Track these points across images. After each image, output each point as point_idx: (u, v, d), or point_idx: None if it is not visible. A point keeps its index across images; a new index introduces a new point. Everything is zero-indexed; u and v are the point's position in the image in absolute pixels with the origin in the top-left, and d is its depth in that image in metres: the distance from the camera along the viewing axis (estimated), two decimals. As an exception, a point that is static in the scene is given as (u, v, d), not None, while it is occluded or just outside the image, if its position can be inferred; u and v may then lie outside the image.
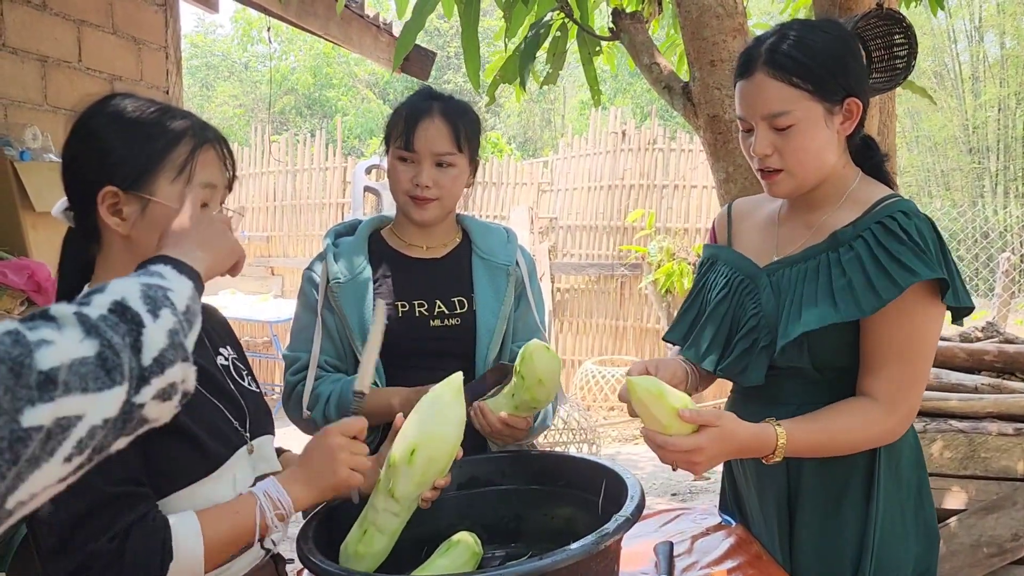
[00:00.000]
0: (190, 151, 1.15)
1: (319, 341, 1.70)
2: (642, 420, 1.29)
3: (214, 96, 21.52)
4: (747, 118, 1.41)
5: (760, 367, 1.44)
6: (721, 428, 1.25)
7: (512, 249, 1.80)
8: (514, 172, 7.97)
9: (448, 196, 1.71)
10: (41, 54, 3.26)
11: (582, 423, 5.50)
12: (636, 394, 1.26)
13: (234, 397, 1.25)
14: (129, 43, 3.77)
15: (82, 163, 1.14)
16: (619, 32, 2.55)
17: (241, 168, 8.49)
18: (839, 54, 1.39)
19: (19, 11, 3.13)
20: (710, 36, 2.28)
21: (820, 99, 1.37)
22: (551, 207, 7.77)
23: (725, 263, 1.57)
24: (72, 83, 3.41)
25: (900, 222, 1.35)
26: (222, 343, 1.33)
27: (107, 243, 1.17)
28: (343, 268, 1.72)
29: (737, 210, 1.66)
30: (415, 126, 1.66)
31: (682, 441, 1.25)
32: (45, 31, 3.27)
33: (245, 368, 1.35)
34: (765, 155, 1.40)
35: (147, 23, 3.86)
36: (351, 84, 21.51)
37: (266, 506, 1.13)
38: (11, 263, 2.17)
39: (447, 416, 1.28)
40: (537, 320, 1.81)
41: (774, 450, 1.31)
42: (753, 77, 1.38)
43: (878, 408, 1.36)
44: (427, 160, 1.67)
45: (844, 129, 1.41)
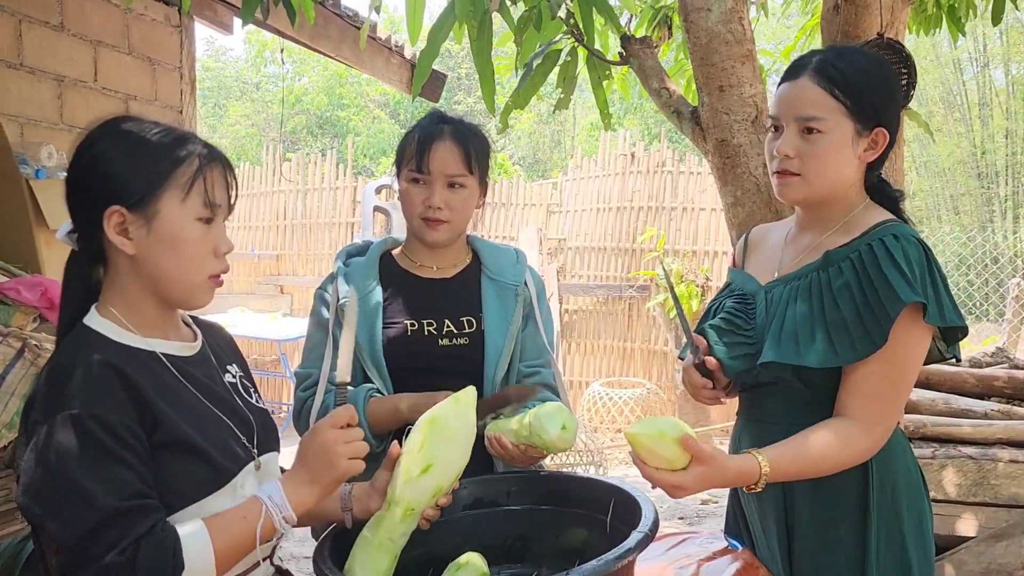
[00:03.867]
0: (195, 170, 1.16)
1: (329, 359, 1.71)
2: (647, 463, 1.30)
3: (226, 116, 21.70)
4: (780, 117, 1.46)
5: (741, 362, 1.49)
6: (708, 468, 1.29)
7: (521, 269, 1.82)
8: (523, 193, 8.00)
9: (459, 218, 1.74)
10: (58, 74, 3.31)
11: (589, 445, 5.48)
12: (641, 443, 1.29)
13: (242, 414, 1.26)
14: (144, 63, 3.82)
15: (88, 184, 1.15)
16: (628, 57, 2.58)
17: (252, 187, 8.56)
18: (882, 85, 1.45)
19: (37, 31, 3.19)
20: (719, 62, 2.30)
21: (854, 118, 1.42)
22: (560, 228, 7.80)
23: (736, 284, 1.61)
24: (88, 103, 3.46)
25: (888, 244, 1.38)
26: (229, 361, 1.35)
27: (114, 264, 1.19)
28: (353, 287, 1.74)
29: (753, 235, 1.72)
30: (427, 148, 1.69)
31: (668, 477, 1.29)
32: (62, 51, 3.32)
33: (252, 386, 1.36)
34: (787, 156, 1.44)
35: (162, 44, 3.92)
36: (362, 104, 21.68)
37: (272, 509, 1.13)
38: (25, 280, 2.19)
39: (459, 433, 1.29)
40: (545, 340, 1.82)
41: (757, 481, 1.34)
42: (798, 80, 1.45)
43: (855, 428, 1.38)
44: (439, 181, 1.69)
45: (866, 156, 1.46)
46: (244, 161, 11.87)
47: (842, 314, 1.39)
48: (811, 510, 1.47)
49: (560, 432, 1.38)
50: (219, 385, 1.26)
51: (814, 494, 1.46)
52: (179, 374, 1.19)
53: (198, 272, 1.18)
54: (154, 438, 1.11)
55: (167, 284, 1.18)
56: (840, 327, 1.38)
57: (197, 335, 1.30)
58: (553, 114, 18.68)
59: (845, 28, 2.47)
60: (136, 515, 1.05)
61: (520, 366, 1.77)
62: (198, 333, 1.31)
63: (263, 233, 8.56)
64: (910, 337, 1.37)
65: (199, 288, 1.20)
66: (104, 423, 1.06)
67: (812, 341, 1.40)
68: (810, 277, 1.46)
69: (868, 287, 1.37)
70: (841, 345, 1.38)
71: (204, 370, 1.25)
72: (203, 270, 1.19)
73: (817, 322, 1.41)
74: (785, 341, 1.42)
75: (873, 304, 1.36)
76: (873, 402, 1.38)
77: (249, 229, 8.57)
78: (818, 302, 1.42)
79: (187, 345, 1.25)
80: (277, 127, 21.10)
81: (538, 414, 1.42)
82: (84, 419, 1.05)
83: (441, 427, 1.29)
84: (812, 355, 1.39)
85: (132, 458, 1.07)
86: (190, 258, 1.17)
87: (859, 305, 1.37)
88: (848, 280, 1.40)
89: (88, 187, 1.15)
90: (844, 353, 1.37)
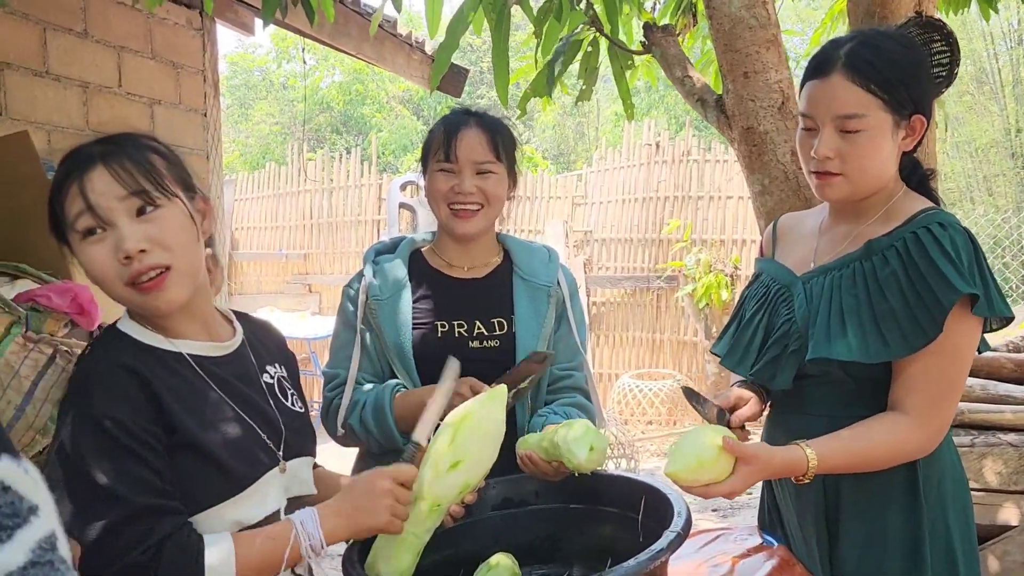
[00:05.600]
0: (57, 197, 1.13)
1: (358, 358, 1.70)
2: (694, 487, 1.29)
3: (252, 115, 21.86)
4: (815, 117, 1.41)
5: (788, 372, 1.44)
6: (754, 466, 1.27)
7: (554, 269, 1.78)
8: (548, 186, 7.97)
9: (492, 204, 1.71)
10: (83, 80, 3.33)
11: (620, 438, 5.45)
12: (684, 478, 1.27)
13: (271, 416, 1.25)
14: (168, 67, 3.84)
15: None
16: (651, 46, 2.54)
17: (278, 187, 8.61)
18: (914, 69, 1.40)
19: (62, 39, 3.21)
20: (743, 48, 2.25)
21: (892, 110, 1.37)
22: (586, 220, 7.75)
23: (767, 274, 1.57)
24: (113, 108, 3.48)
25: (935, 233, 1.34)
26: (272, 361, 1.34)
27: None
28: (383, 286, 1.72)
29: (782, 224, 1.67)
30: (454, 137, 1.68)
31: (719, 489, 1.28)
32: (87, 58, 3.35)
33: (292, 388, 1.35)
34: (827, 157, 1.39)
35: (185, 47, 3.94)
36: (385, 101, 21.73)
37: (302, 537, 1.12)
38: (55, 286, 2.20)
39: (490, 431, 1.29)
40: (578, 341, 1.79)
41: (805, 472, 1.31)
42: (829, 78, 1.38)
43: (909, 423, 1.34)
44: (468, 168, 1.67)
45: (905, 144, 1.42)
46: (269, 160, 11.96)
47: (891, 305, 1.35)
48: (856, 503, 1.43)
49: (588, 454, 1.36)
50: (252, 386, 1.25)
51: (859, 487, 1.43)
52: (205, 375, 1.18)
53: (113, 286, 1.14)
54: (171, 440, 1.11)
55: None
56: (890, 318, 1.34)
57: (236, 333, 1.29)
58: (576, 105, 18.58)
59: (872, 8, 2.41)
60: (159, 514, 1.05)
61: (552, 368, 1.74)
62: (238, 331, 1.30)
63: (290, 233, 8.61)
64: (963, 328, 1.33)
65: (128, 300, 1.15)
66: (120, 423, 1.06)
67: (861, 334, 1.36)
68: (852, 267, 1.41)
69: (917, 277, 1.33)
70: (892, 337, 1.34)
71: (236, 370, 1.24)
72: (119, 286, 1.13)
73: (865, 314, 1.37)
74: (833, 335, 1.38)
75: (924, 295, 1.32)
76: (927, 396, 1.34)
77: (276, 229, 8.63)
78: (864, 293, 1.38)
79: (219, 345, 1.24)
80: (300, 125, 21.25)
81: (566, 437, 1.39)
82: (101, 419, 1.06)
83: (472, 424, 1.28)
84: (861, 349, 1.35)
85: (152, 457, 1.08)
86: (100, 278, 1.14)
87: (908, 296, 1.33)
88: (895, 270, 1.36)
89: None
90: (896, 346, 1.34)
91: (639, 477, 1.46)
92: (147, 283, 1.12)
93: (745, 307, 1.59)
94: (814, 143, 1.40)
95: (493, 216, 1.73)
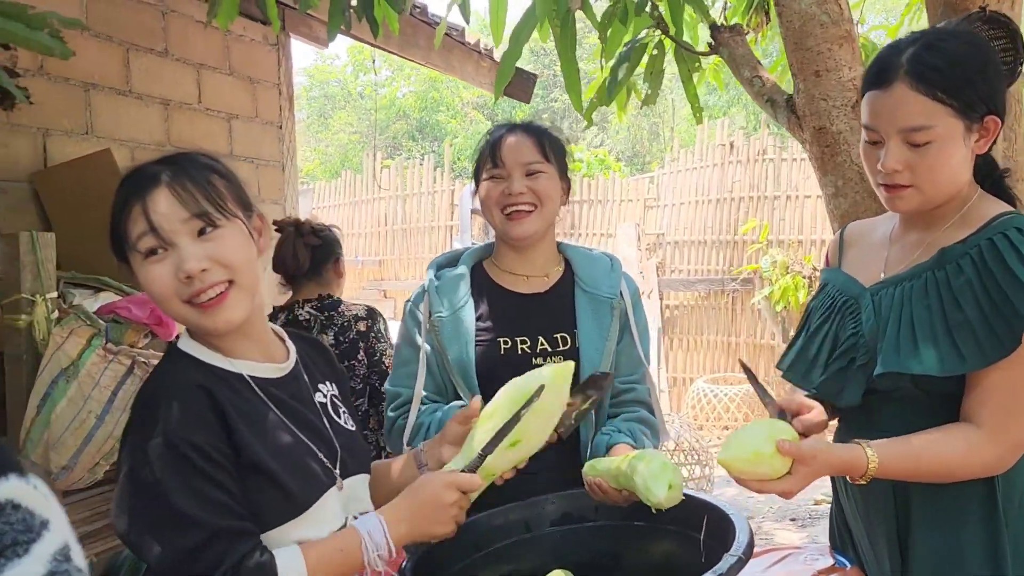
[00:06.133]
0: (120, 217, 1.15)
1: (422, 378, 1.69)
2: (748, 480, 1.26)
3: (331, 124, 22.38)
4: (879, 130, 1.33)
5: (856, 387, 1.38)
6: (811, 467, 1.23)
7: (616, 279, 1.75)
8: (619, 189, 7.91)
9: (545, 204, 1.68)
10: (164, 98, 3.46)
11: (694, 444, 5.35)
12: (736, 467, 1.24)
13: (327, 436, 1.25)
14: (244, 82, 3.96)
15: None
16: (718, 46, 2.48)
17: (354, 195, 8.78)
18: (983, 68, 1.31)
19: (143, 59, 3.34)
20: (814, 46, 2.18)
21: (962, 116, 1.29)
22: (658, 223, 7.66)
23: (832, 285, 1.51)
24: (192, 124, 3.60)
25: (1012, 239, 1.26)
26: (323, 379, 1.34)
27: None
28: (445, 302, 1.71)
29: (849, 233, 1.60)
30: (500, 143, 1.69)
31: (775, 486, 1.24)
32: (168, 76, 3.47)
33: (343, 405, 1.36)
34: (895, 171, 1.32)
35: (261, 62, 4.05)
36: (460, 107, 21.96)
37: (370, 547, 1.13)
38: (135, 298, 2.29)
39: (552, 411, 1.29)
40: (641, 353, 1.75)
41: (864, 473, 1.26)
42: (892, 88, 1.30)
43: (981, 436, 1.27)
44: (516, 170, 1.67)
45: (979, 147, 1.34)
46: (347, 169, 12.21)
47: (965, 315, 1.27)
48: (929, 519, 1.36)
49: (668, 493, 1.32)
50: (307, 406, 1.26)
51: (932, 501, 1.36)
52: (265, 396, 1.19)
53: (174, 308, 1.15)
54: (238, 461, 1.12)
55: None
56: (964, 329, 1.27)
57: (290, 354, 1.30)
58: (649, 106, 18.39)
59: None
60: (236, 536, 1.07)
61: (615, 382, 1.71)
62: (291, 351, 1.31)
63: (366, 240, 8.77)
64: None
65: (185, 318, 1.17)
66: (196, 446, 1.08)
67: (934, 346, 1.29)
68: (924, 277, 1.34)
69: (993, 286, 1.25)
70: (967, 349, 1.26)
71: (293, 391, 1.25)
72: (176, 303, 1.14)
73: (938, 325, 1.30)
74: (904, 348, 1.32)
75: (1000, 304, 1.24)
76: (1002, 410, 1.26)
77: (353, 236, 8.80)
78: (937, 303, 1.31)
79: (276, 366, 1.25)
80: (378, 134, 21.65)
81: (643, 473, 1.34)
82: (177, 442, 1.07)
83: (538, 404, 1.26)
84: (934, 362, 1.28)
85: (226, 479, 1.09)
86: (158, 296, 1.15)
87: (984, 305, 1.26)
88: (969, 278, 1.28)
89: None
90: (971, 358, 1.26)
91: (701, 495, 1.42)
92: (208, 301, 1.13)
93: (811, 319, 1.52)
94: (880, 155, 1.33)
95: (548, 217, 1.70)
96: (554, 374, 1.28)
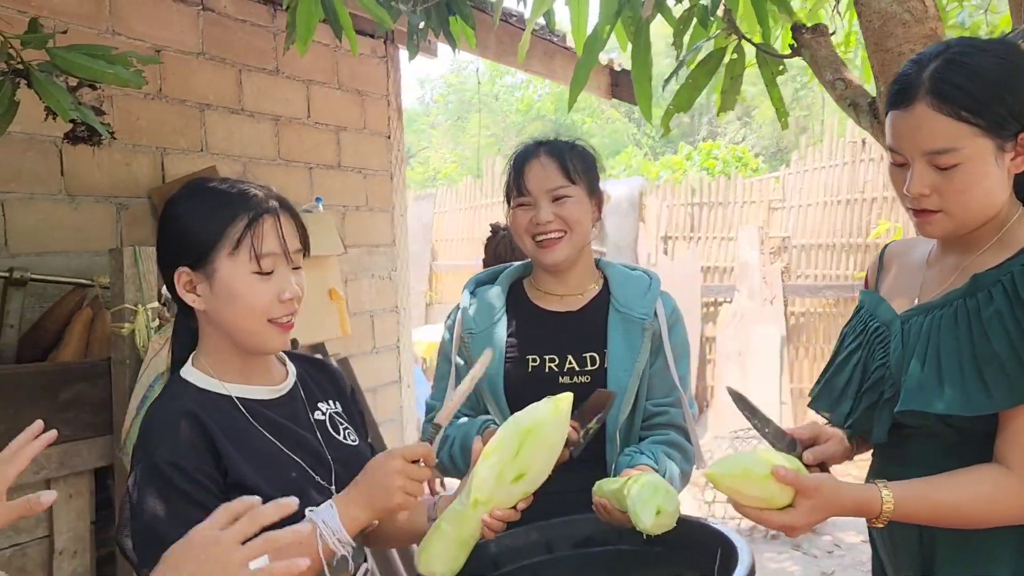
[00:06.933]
0: (244, 227, 1.22)
1: (452, 391, 1.73)
2: (741, 502, 1.20)
3: (467, 128, 22.89)
4: (902, 152, 1.24)
5: (883, 424, 1.30)
6: (815, 500, 1.16)
7: (651, 300, 1.71)
8: (741, 190, 7.63)
9: (575, 230, 1.67)
10: (274, 114, 3.67)
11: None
12: (724, 484, 1.19)
13: (320, 453, 1.31)
14: (353, 95, 4.13)
15: (162, 248, 1.28)
16: (800, 48, 2.36)
17: (474, 199, 8.95)
18: (1012, 81, 1.19)
19: (255, 78, 3.56)
20: (895, 47, 2.03)
21: (991, 135, 1.18)
22: (783, 225, 7.34)
23: (867, 309, 1.41)
24: (301, 138, 3.80)
25: None
26: (325, 398, 1.41)
27: (197, 317, 1.29)
28: (477, 318, 1.74)
29: (889, 253, 1.50)
30: (523, 170, 1.68)
31: (776, 517, 1.18)
32: (278, 93, 3.68)
33: (346, 422, 1.41)
34: (921, 195, 1.23)
35: (370, 75, 4.21)
36: (597, 106, 21.89)
37: (327, 534, 1.17)
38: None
39: (555, 444, 1.31)
40: (675, 377, 1.70)
41: (878, 515, 1.18)
42: (912, 108, 1.21)
43: (1011, 479, 1.17)
44: (543, 198, 1.66)
45: (1016, 166, 1.22)
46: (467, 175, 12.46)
47: (994, 348, 1.17)
48: (955, 561, 1.26)
49: (655, 519, 1.29)
50: (302, 425, 1.33)
51: (960, 544, 1.25)
52: (252, 417, 1.26)
53: (258, 321, 1.24)
54: (225, 482, 1.19)
55: (233, 334, 1.26)
56: (993, 364, 1.17)
57: (288, 376, 1.37)
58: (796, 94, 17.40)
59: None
60: None
61: (647, 404, 1.68)
62: (291, 373, 1.38)
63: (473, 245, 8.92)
64: None
65: (261, 335, 1.26)
66: (181, 469, 1.16)
67: (960, 382, 1.19)
68: (955, 305, 1.24)
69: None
70: (996, 386, 1.17)
71: (286, 411, 1.32)
72: (263, 318, 1.24)
73: (965, 359, 1.20)
74: (927, 384, 1.22)
75: None
76: None
77: (473, 240, 8.97)
78: (966, 335, 1.21)
79: (271, 388, 1.33)
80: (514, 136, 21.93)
81: (633, 497, 1.33)
82: (163, 466, 1.16)
83: (540, 437, 1.29)
84: (959, 400, 1.19)
85: (208, 499, 1.16)
86: (248, 310, 1.23)
87: (1014, 338, 1.16)
88: (1000, 308, 1.18)
89: (163, 250, 1.28)
90: (1000, 396, 1.16)
91: (715, 524, 1.37)
92: (286, 323, 1.27)
93: (842, 345, 1.43)
94: (907, 177, 1.23)
95: (579, 241, 1.69)
96: (552, 408, 1.29)
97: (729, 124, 20.27)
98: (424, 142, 24.63)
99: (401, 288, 4.52)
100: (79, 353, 2.39)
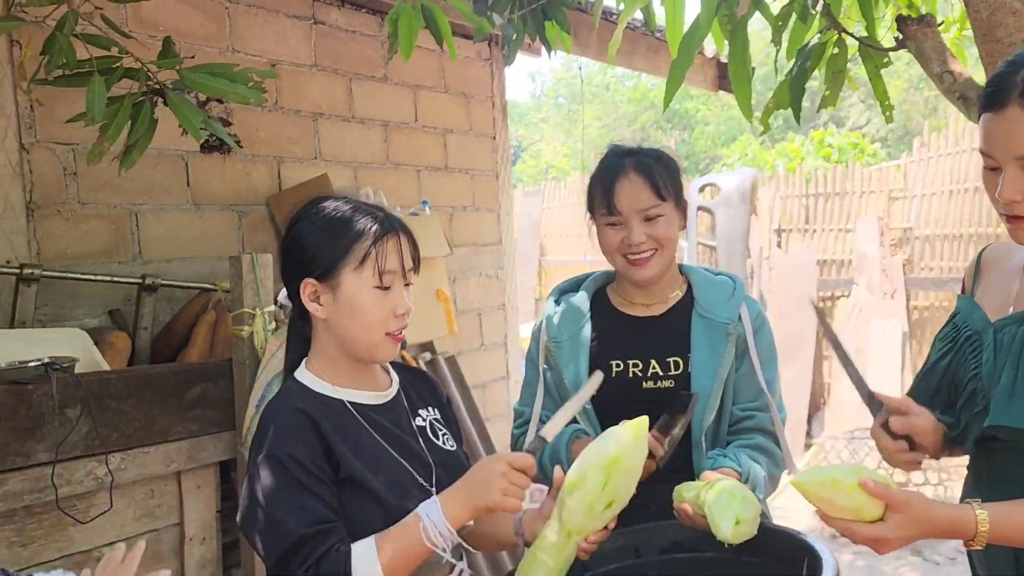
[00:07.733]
0: (369, 245, 1.33)
1: (541, 398, 1.77)
2: (830, 513, 1.19)
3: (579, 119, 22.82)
4: (994, 156, 1.21)
5: (973, 435, 1.27)
6: (905, 515, 1.14)
7: (735, 304, 1.71)
8: (860, 180, 7.30)
9: (667, 246, 1.69)
10: (383, 119, 3.81)
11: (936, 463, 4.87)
12: (812, 493, 1.19)
13: (423, 457, 1.40)
14: (459, 98, 4.23)
15: (290, 259, 1.38)
16: (905, 40, 2.28)
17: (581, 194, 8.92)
18: None
19: (364, 86, 3.71)
20: (1005, 37, 1.94)
21: None
22: (905, 216, 6.98)
23: (961, 316, 1.37)
24: (410, 141, 3.93)
25: None
26: (424, 404, 1.50)
27: (314, 325, 1.40)
28: (562, 326, 1.77)
29: (987, 257, 1.44)
30: (612, 188, 1.66)
31: (865, 530, 1.16)
32: (387, 100, 3.82)
33: (444, 428, 1.50)
34: (1014, 201, 1.19)
35: (474, 78, 4.30)
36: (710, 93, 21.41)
37: (428, 526, 1.25)
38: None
39: (636, 468, 1.33)
40: (762, 381, 1.69)
41: (974, 536, 1.14)
42: (1005, 111, 1.18)
43: None
44: (634, 218, 1.66)
45: None
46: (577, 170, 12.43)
47: None
48: None
49: (734, 528, 1.30)
50: (405, 430, 1.42)
51: None
52: (364, 420, 1.37)
53: (376, 333, 1.35)
54: (338, 475, 1.30)
55: (351, 343, 1.37)
56: None
57: (392, 383, 1.47)
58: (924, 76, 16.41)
59: None
60: (320, 538, 1.24)
61: (734, 409, 1.68)
62: (394, 382, 1.48)
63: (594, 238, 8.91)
64: None
65: (378, 346, 1.37)
66: (296, 460, 1.27)
67: None
68: None
69: None
70: None
71: (391, 416, 1.42)
72: (380, 331, 1.35)
73: None
74: (1019, 398, 1.19)
75: None
76: None
77: (580, 236, 8.95)
78: None
79: (378, 394, 1.43)
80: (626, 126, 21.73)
81: (711, 505, 1.33)
82: (281, 457, 1.27)
83: (623, 466, 1.32)
84: None
85: (320, 488, 1.26)
86: (368, 322, 1.34)
87: None
88: None
89: (289, 260, 1.38)
90: None
91: (803, 535, 1.36)
92: (398, 335, 1.37)
93: (932, 352, 1.39)
94: (1000, 181, 1.20)
95: (669, 256, 1.70)
96: (632, 435, 1.32)
97: (852, 107, 19.37)
98: (536, 135, 24.75)
99: (508, 286, 4.60)
100: (204, 353, 2.58)
